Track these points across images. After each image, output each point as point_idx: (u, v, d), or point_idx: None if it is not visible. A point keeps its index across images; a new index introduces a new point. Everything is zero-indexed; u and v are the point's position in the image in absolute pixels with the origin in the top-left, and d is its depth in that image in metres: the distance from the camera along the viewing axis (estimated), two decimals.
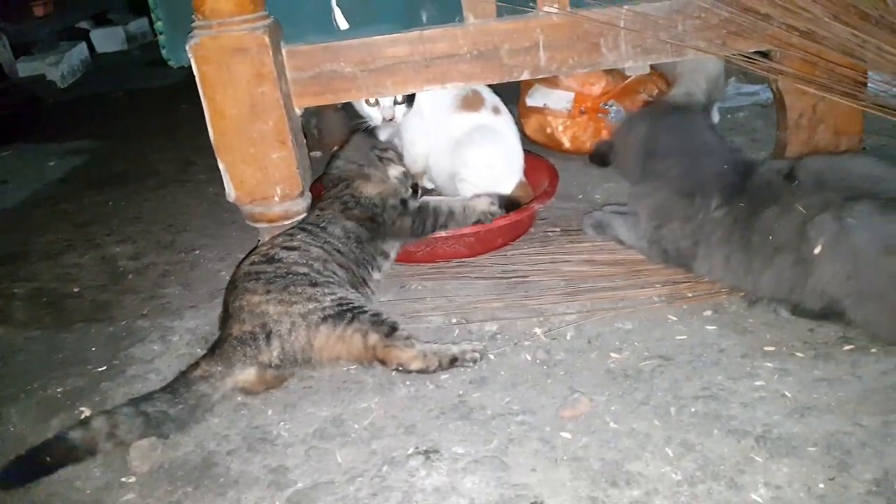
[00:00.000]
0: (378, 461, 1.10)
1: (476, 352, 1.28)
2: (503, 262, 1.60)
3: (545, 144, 2.12)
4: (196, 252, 1.85)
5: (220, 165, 1.46)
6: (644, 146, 1.48)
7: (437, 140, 1.72)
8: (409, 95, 1.64)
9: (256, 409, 1.25)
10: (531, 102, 2.12)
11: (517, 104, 2.14)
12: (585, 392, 1.18)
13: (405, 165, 1.61)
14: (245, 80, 1.38)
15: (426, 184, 1.82)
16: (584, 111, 2.05)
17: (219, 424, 1.22)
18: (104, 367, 1.41)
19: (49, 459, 1.11)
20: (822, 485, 0.97)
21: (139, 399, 1.20)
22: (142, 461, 1.14)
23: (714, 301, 1.38)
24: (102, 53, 4.39)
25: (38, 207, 2.28)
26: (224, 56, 1.36)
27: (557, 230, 1.70)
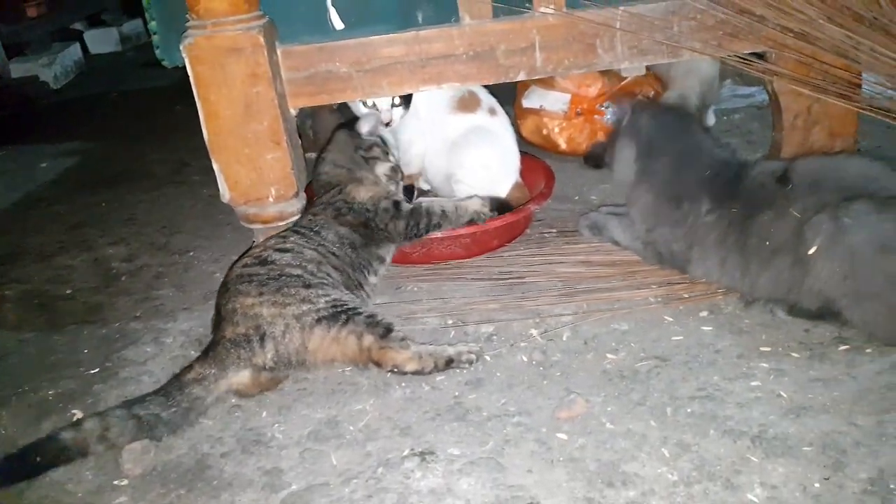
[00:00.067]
0: (373, 463, 1.09)
1: (472, 353, 1.28)
2: (499, 264, 1.59)
3: (541, 146, 2.12)
4: (190, 254, 1.84)
5: (215, 166, 1.45)
6: (635, 149, 1.48)
7: (434, 141, 1.72)
8: (406, 97, 1.64)
9: (251, 412, 1.24)
10: (527, 104, 2.12)
11: (513, 105, 2.14)
12: (582, 393, 1.18)
13: (393, 157, 1.58)
14: (240, 81, 1.37)
15: (422, 185, 1.81)
16: (581, 113, 2.05)
17: (213, 427, 1.21)
18: (97, 370, 1.40)
19: (39, 460, 1.10)
20: (818, 484, 0.97)
21: (132, 402, 1.19)
22: (134, 464, 1.13)
23: (710, 302, 1.38)
24: (96, 54, 4.37)
25: (31, 209, 2.27)
26: (219, 56, 1.36)
27: (554, 231, 1.70)
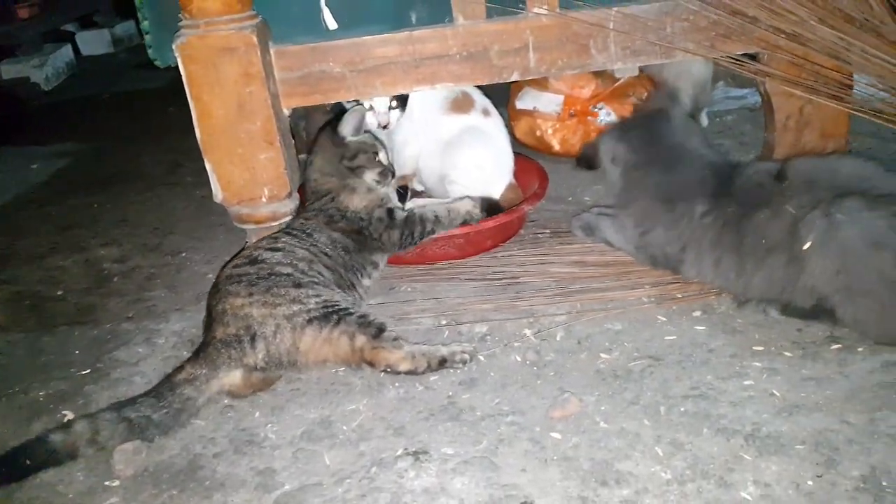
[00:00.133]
0: (367, 463, 1.09)
1: (466, 353, 1.27)
2: (493, 264, 1.59)
3: (535, 147, 2.12)
4: (183, 255, 1.83)
5: (207, 166, 1.45)
6: (624, 155, 1.49)
7: (427, 142, 1.72)
8: (403, 99, 1.64)
9: (243, 412, 1.23)
10: (521, 105, 2.12)
11: (507, 107, 2.14)
12: (575, 392, 1.18)
13: (383, 159, 1.52)
14: (233, 80, 1.37)
15: (416, 186, 1.81)
16: (574, 114, 2.06)
17: (205, 427, 1.20)
18: (88, 371, 1.39)
19: (28, 462, 1.09)
20: (811, 482, 0.97)
21: (122, 404, 1.18)
22: (126, 464, 1.12)
23: (703, 302, 1.38)
24: (88, 56, 4.35)
25: (22, 210, 2.25)
26: (211, 55, 1.35)
27: (547, 232, 1.70)
